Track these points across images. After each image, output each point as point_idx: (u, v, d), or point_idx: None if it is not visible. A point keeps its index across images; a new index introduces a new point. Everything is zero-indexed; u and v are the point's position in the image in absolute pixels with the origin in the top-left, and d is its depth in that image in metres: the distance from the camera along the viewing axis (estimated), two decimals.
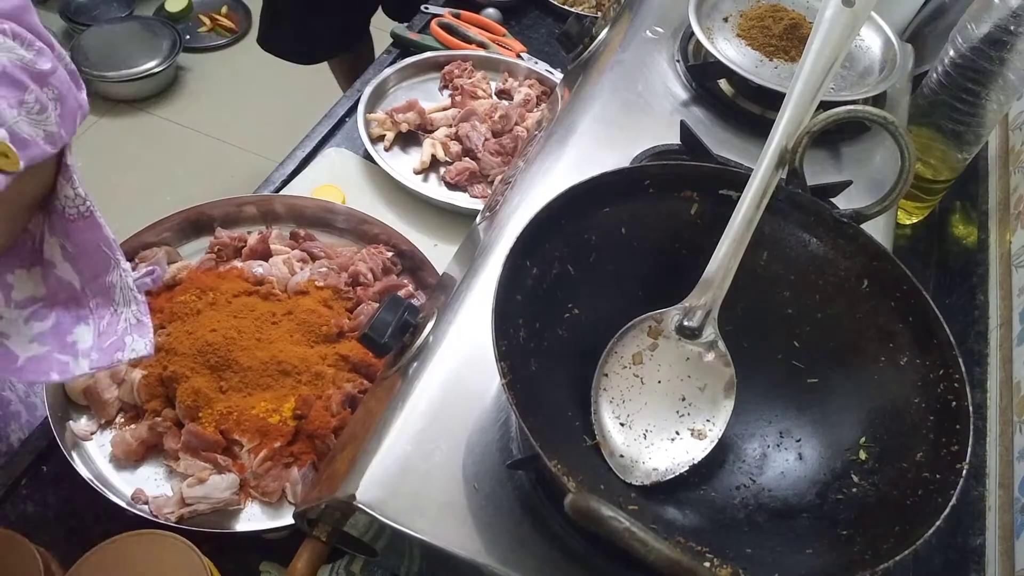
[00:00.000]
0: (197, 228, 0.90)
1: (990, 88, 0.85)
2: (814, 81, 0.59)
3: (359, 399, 0.75)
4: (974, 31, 0.83)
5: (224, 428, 0.72)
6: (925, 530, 0.46)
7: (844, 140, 0.81)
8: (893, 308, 0.57)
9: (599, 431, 0.55)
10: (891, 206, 0.58)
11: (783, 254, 0.61)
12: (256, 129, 2.33)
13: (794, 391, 0.59)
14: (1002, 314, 0.84)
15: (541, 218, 0.55)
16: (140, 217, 0.87)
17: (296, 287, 0.83)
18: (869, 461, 0.53)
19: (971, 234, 0.97)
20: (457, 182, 1.01)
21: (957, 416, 0.51)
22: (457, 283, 0.64)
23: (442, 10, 1.25)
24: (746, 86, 0.82)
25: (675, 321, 0.58)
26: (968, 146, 0.92)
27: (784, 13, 0.85)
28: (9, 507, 0.72)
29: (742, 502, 0.55)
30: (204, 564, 0.56)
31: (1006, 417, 0.75)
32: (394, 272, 0.89)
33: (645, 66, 0.83)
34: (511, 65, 1.16)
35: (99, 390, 0.74)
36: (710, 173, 0.61)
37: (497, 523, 0.52)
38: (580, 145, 0.74)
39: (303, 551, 0.58)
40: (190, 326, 0.77)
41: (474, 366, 0.58)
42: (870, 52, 0.85)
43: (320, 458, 0.73)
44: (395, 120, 1.04)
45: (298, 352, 0.77)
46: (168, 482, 0.73)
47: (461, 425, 0.56)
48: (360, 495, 0.51)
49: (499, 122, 1.04)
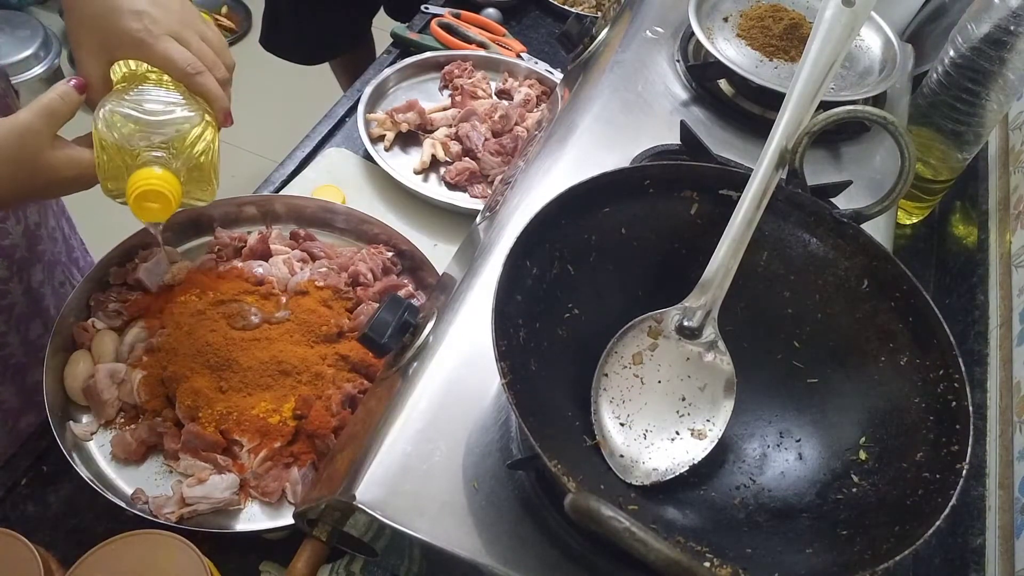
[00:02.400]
0: (197, 228, 0.90)
1: (990, 88, 0.85)
2: (814, 81, 0.59)
3: (359, 399, 0.75)
4: (974, 31, 0.83)
5: (224, 428, 0.72)
6: (925, 530, 0.45)
7: (844, 140, 0.81)
8: (893, 308, 0.57)
9: (599, 431, 0.55)
10: (891, 206, 0.58)
11: (783, 254, 0.61)
12: (256, 129, 2.33)
13: (794, 391, 0.59)
14: (1002, 314, 0.84)
15: (541, 218, 0.55)
16: (136, 222, 0.87)
17: (296, 287, 0.83)
18: (869, 461, 0.53)
19: (971, 234, 0.97)
20: (457, 182, 1.01)
21: (957, 416, 0.51)
22: (457, 283, 0.64)
23: (442, 10, 1.25)
24: (746, 86, 0.82)
25: (675, 321, 0.58)
26: (968, 146, 0.92)
27: (784, 13, 0.85)
28: (9, 507, 0.72)
29: (742, 502, 0.55)
30: (204, 564, 0.56)
31: (1006, 417, 0.75)
32: (394, 272, 0.89)
33: (645, 66, 0.83)
34: (511, 65, 1.16)
35: (99, 390, 0.74)
36: (710, 173, 0.61)
37: (497, 523, 0.52)
38: (580, 145, 0.74)
39: (303, 551, 0.58)
40: (190, 326, 0.77)
41: (474, 366, 0.58)
42: (870, 52, 0.85)
43: (320, 458, 0.73)
44: (395, 120, 1.04)
45: (298, 352, 0.77)
46: (168, 482, 0.72)
47: (461, 425, 0.56)
48: (360, 495, 0.51)
49: (499, 122, 1.04)
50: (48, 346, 0.75)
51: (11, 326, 0.84)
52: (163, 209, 0.63)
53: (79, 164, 0.63)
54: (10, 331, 0.84)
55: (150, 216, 0.63)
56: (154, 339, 0.77)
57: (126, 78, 0.64)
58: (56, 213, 0.93)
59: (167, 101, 0.64)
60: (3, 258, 0.80)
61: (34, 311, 0.86)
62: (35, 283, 0.86)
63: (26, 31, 2.36)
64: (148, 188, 0.61)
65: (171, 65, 0.64)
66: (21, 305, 0.84)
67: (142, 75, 0.65)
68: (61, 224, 0.95)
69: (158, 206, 0.62)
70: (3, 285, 0.81)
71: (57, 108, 0.62)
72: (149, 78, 0.65)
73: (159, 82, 0.65)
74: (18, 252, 0.82)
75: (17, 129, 0.61)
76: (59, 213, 0.95)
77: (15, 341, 0.85)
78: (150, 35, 0.63)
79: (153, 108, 0.63)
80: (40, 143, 0.61)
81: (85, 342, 0.78)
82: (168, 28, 0.64)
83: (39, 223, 0.87)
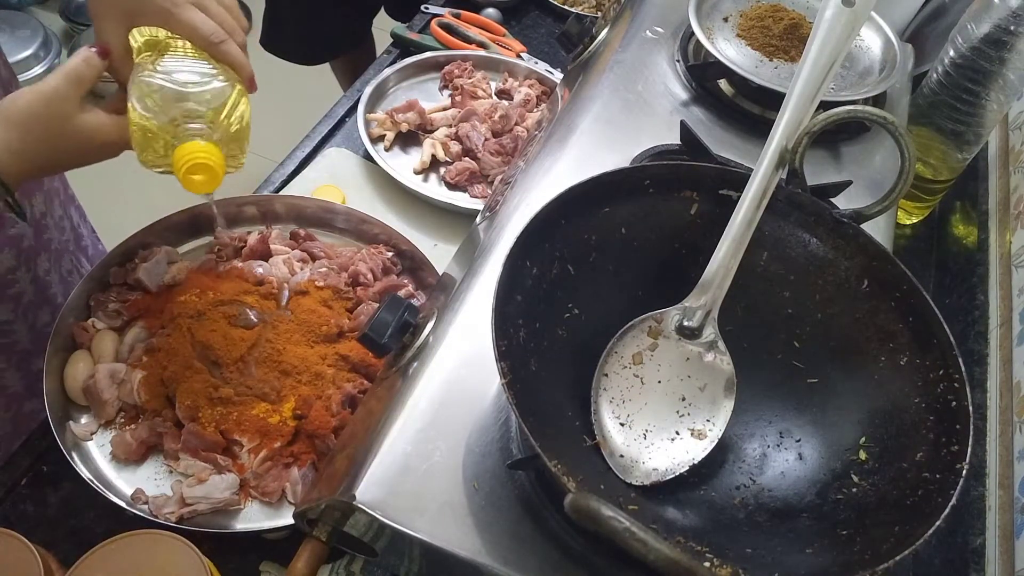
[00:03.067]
0: (197, 228, 0.90)
1: (990, 88, 0.85)
2: (814, 81, 0.59)
3: (359, 399, 0.75)
4: (974, 31, 0.83)
5: (224, 428, 0.72)
6: (925, 530, 0.45)
7: (844, 140, 0.81)
8: (893, 308, 0.57)
9: (599, 431, 0.55)
10: (891, 206, 0.58)
11: (783, 254, 0.61)
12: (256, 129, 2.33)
13: (794, 391, 0.59)
14: (1002, 314, 0.84)
15: (541, 218, 0.55)
16: (140, 217, 0.87)
17: (296, 287, 0.83)
18: (869, 461, 0.53)
19: (971, 234, 0.97)
20: (457, 182, 1.01)
21: (957, 416, 0.51)
22: (457, 283, 0.64)
23: (442, 10, 1.25)
24: (746, 86, 0.82)
25: (675, 321, 0.58)
26: (968, 146, 0.92)
27: (784, 13, 0.85)
28: (9, 507, 0.72)
29: (742, 502, 0.55)
30: (204, 564, 0.56)
31: (1006, 417, 0.75)
32: (394, 272, 0.89)
33: (645, 66, 0.83)
34: (511, 65, 1.16)
35: (99, 390, 0.74)
36: (710, 173, 0.61)
37: (497, 523, 0.52)
38: (580, 145, 0.74)
39: (303, 551, 0.58)
40: (190, 326, 0.77)
41: (474, 366, 0.58)
42: (870, 52, 0.85)
43: (320, 458, 0.73)
44: (395, 120, 1.04)
45: (298, 352, 0.77)
46: (168, 482, 0.73)
47: (461, 425, 0.56)
48: (360, 495, 0.51)
49: (499, 122, 1.04)
50: (48, 346, 0.75)
51: (18, 314, 0.84)
52: (211, 180, 0.64)
53: (108, 130, 0.65)
54: (17, 319, 0.84)
55: (199, 188, 0.65)
56: (154, 339, 0.77)
57: (149, 45, 0.65)
58: (64, 202, 0.93)
59: (198, 71, 0.65)
60: (10, 247, 0.80)
61: (41, 300, 0.87)
62: (41, 272, 0.86)
63: (26, 31, 2.37)
64: (196, 161, 0.63)
65: (195, 34, 0.65)
66: (29, 294, 0.84)
67: (164, 42, 0.65)
68: (69, 212, 0.95)
69: (206, 178, 0.64)
70: (10, 274, 0.81)
71: (83, 73, 0.63)
72: (171, 45, 0.65)
73: (183, 49, 0.66)
74: (25, 241, 0.82)
75: (46, 94, 0.62)
76: (67, 202, 0.95)
77: (22, 329, 0.85)
78: (173, 4, 0.64)
79: (186, 79, 0.64)
80: (68, 108, 0.63)
81: (85, 342, 0.78)
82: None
83: (45, 212, 0.87)
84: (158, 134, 0.63)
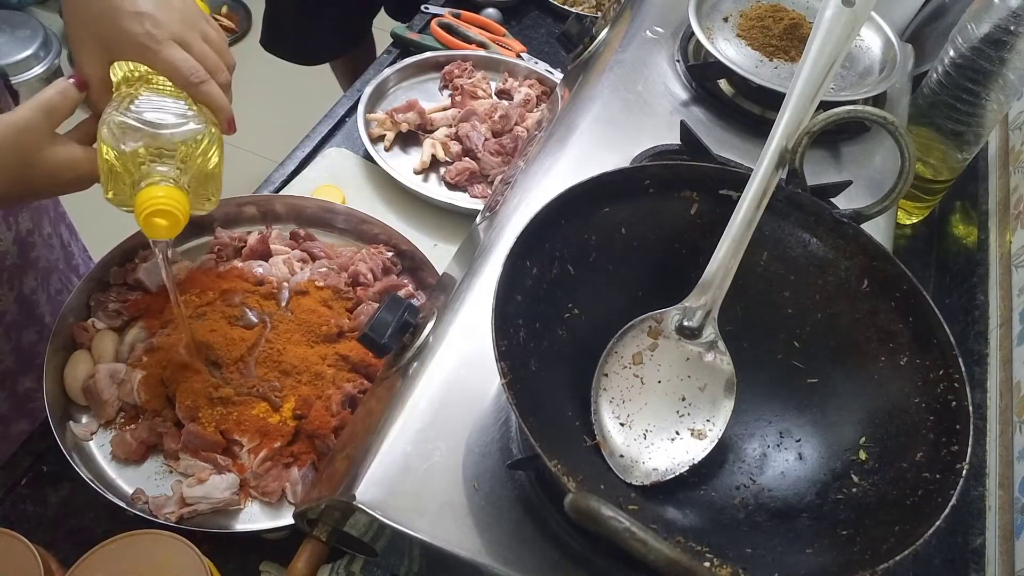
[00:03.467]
0: (197, 228, 0.90)
1: (990, 88, 0.85)
2: (814, 81, 0.59)
3: (359, 399, 0.75)
4: (974, 31, 0.83)
5: (224, 428, 0.72)
6: (925, 530, 0.45)
7: (844, 140, 0.81)
8: (893, 308, 0.57)
9: (599, 431, 0.55)
10: (891, 206, 0.58)
11: (783, 254, 0.61)
12: (256, 129, 2.33)
13: (794, 391, 0.59)
14: (1002, 314, 0.84)
15: (541, 218, 0.55)
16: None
17: (296, 287, 0.83)
18: (869, 461, 0.53)
19: (971, 234, 0.97)
20: (457, 182, 1.01)
21: (957, 416, 0.51)
22: (457, 283, 0.64)
23: (442, 10, 1.25)
24: (746, 86, 0.82)
25: (675, 321, 0.58)
26: (968, 146, 0.92)
27: (784, 13, 0.85)
28: (9, 507, 0.72)
29: (742, 502, 0.55)
30: (204, 564, 0.56)
31: (1006, 417, 0.75)
32: (394, 272, 0.89)
33: (645, 66, 0.83)
34: (511, 65, 1.16)
35: (99, 390, 0.74)
36: (710, 173, 0.61)
37: (497, 523, 0.52)
38: (580, 145, 0.74)
39: (303, 551, 0.58)
40: (190, 326, 0.77)
41: (474, 366, 0.58)
42: (870, 52, 0.85)
43: (320, 458, 0.73)
44: (395, 120, 1.04)
45: (298, 352, 0.77)
46: (168, 482, 0.72)
47: (461, 425, 0.56)
48: (360, 495, 0.51)
49: (499, 122, 1.04)
50: (48, 346, 0.75)
51: (1, 333, 0.83)
52: (172, 226, 0.62)
53: (79, 163, 0.62)
54: (0, 338, 0.83)
55: (159, 233, 0.62)
56: (154, 339, 0.77)
57: (127, 79, 0.64)
58: (54, 220, 0.92)
59: (173, 111, 0.63)
60: None
61: (27, 319, 0.85)
62: (27, 291, 0.85)
63: (26, 31, 2.36)
64: (157, 207, 0.60)
65: (175, 73, 0.63)
66: (13, 313, 0.83)
67: (143, 76, 0.64)
68: (59, 230, 0.93)
69: (167, 224, 0.61)
70: None
71: (56, 105, 0.61)
72: (150, 80, 0.64)
73: (162, 87, 0.64)
74: (9, 259, 0.81)
75: (16, 125, 0.60)
76: (57, 219, 0.93)
77: (6, 348, 0.84)
78: (153, 40, 0.62)
79: (159, 119, 0.62)
80: (38, 140, 0.61)
81: (85, 342, 0.78)
82: (170, 31, 0.63)
83: (32, 229, 0.85)
84: (123, 174, 0.61)
